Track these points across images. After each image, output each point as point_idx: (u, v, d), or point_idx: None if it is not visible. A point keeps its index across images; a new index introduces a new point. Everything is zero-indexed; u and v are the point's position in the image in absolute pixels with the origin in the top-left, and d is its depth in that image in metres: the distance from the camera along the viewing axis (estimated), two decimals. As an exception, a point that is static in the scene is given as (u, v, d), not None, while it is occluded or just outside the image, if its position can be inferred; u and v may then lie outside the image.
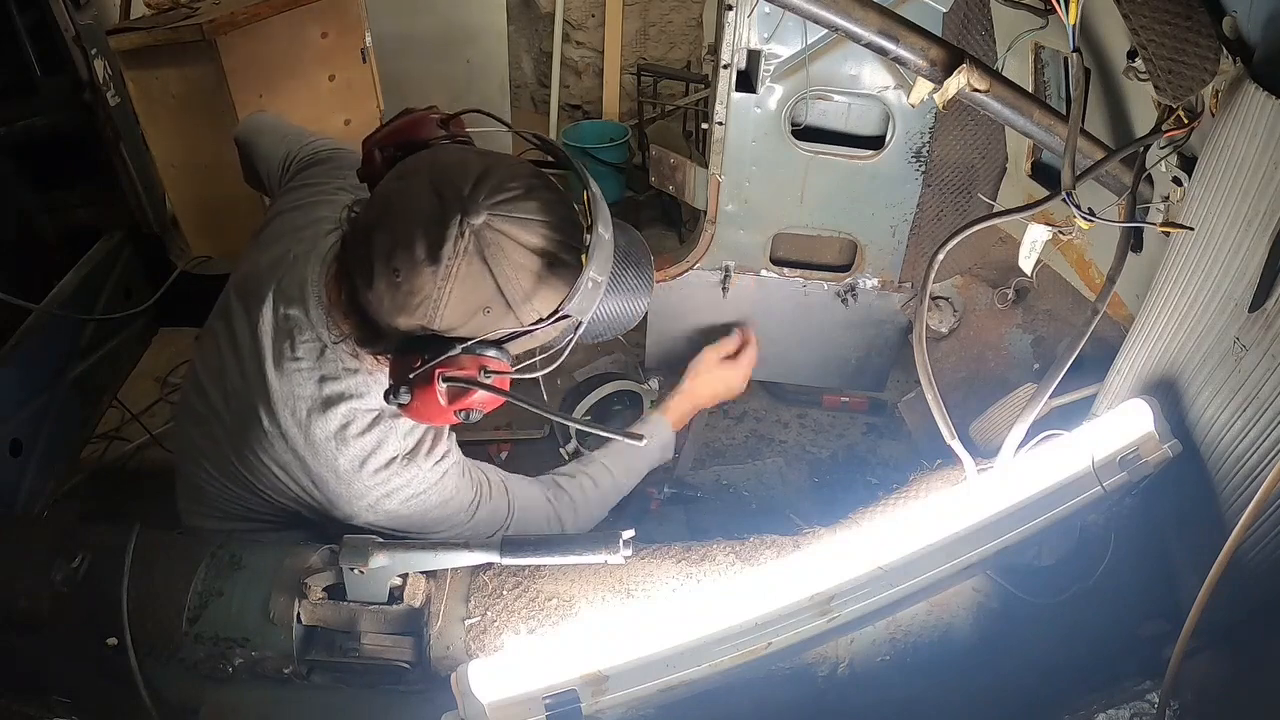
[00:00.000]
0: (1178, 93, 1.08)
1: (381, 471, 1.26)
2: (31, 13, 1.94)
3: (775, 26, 1.70)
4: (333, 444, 1.23)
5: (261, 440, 1.25)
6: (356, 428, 1.24)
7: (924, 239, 1.98)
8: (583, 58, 4.93)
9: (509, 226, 1.08)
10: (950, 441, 1.20)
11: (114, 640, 1.11)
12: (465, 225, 1.06)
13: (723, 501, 2.62)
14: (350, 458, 1.24)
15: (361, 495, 1.26)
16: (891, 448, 2.79)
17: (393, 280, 1.08)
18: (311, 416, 1.23)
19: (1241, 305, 1.03)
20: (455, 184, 1.09)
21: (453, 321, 1.10)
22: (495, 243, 1.08)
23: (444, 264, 1.06)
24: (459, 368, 1.09)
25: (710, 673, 1.04)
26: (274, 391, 1.23)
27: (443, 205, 1.07)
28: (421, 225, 1.07)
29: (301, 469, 1.25)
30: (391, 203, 1.12)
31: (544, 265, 1.11)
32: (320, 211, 1.37)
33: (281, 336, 1.25)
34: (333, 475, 1.24)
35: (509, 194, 1.10)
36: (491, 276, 1.08)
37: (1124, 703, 1.07)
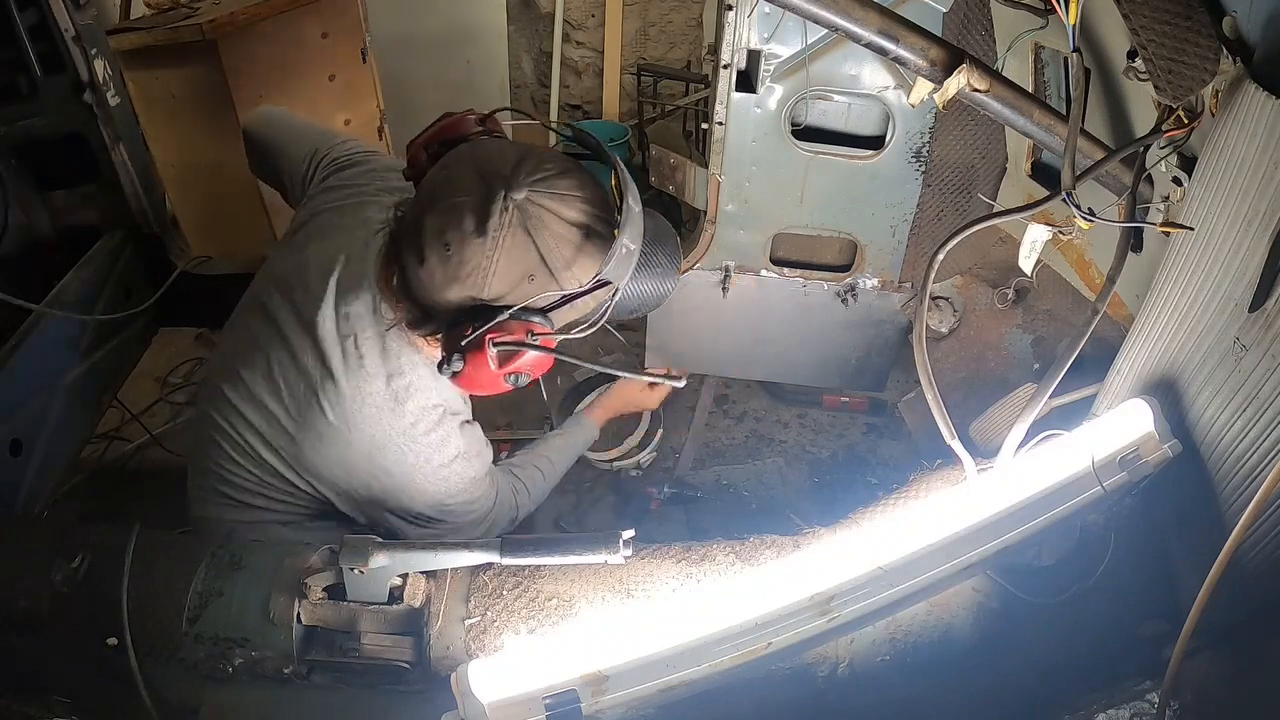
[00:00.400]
0: (1178, 93, 1.08)
1: (445, 468, 1.35)
2: (31, 13, 1.94)
3: (775, 26, 1.70)
4: (403, 440, 1.31)
5: (324, 436, 1.31)
6: (423, 426, 1.32)
7: (924, 239, 1.98)
8: (583, 58, 4.93)
9: (548, 201, 1.17)
10: (950, 441, 1.20)
11: (114, 640, 1.11)
12: (509, 200, 1.15)
13: (723, 501, 2.62)
14: (418, 453, 1.32)
15: (423, 489, 1.35)
16: (891, 448, 2.79)
17: (444, 255, 1.16)
18: (381, 415, 1.30)
19: (1241, 305, 1.03)
20: (497, 167, 1.18)
21: (500, 290, 1.17)
22: (536, 216, 1.16)
23: (491, 235, 1.14)
24: (507, 333, 1.16)
25: (710, 673, 1.04)
26: (343, 391, 1.30)
27: (487, 185, 1.16)
28: (469, 203, 1.16)
29: (365, 463, 1.32)
30: (439, 188, 1.21)
31: (581, 236, 1.19)
32: (367, 212, 1.42)
33: (345, 336, 1.31)
34: (400, 468, 1.32)
35: (546, 173, 1.19)
36: (534, 246, 1.16)
37: (1124, 703, 1.07)
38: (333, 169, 1.58)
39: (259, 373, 1.36)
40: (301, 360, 1.32)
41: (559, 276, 1.18)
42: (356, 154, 1.61)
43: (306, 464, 1.35)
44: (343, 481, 1.36)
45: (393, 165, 1.56)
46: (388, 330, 1.30)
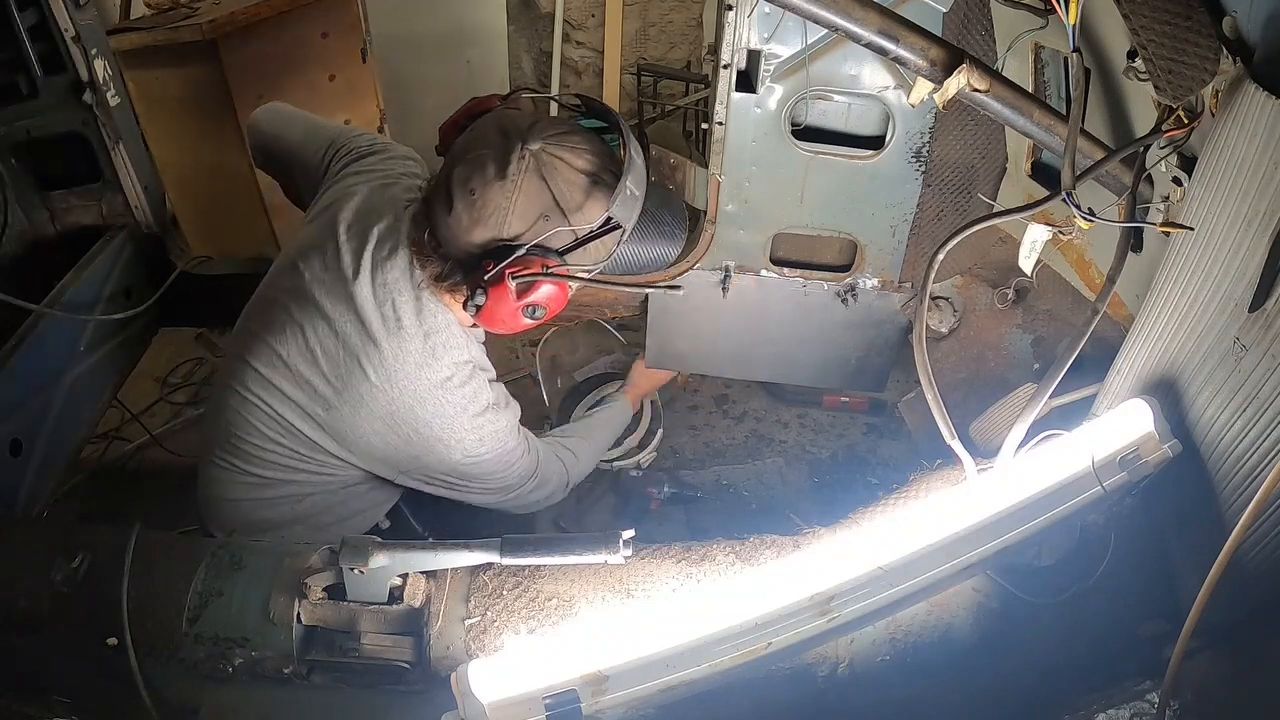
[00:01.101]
0: (1178, 93, 1.08)
1: (478, 417, 1.46)
2: (31, 13, 1.94)
3: (775, 26, 1.69)
4: (440, 391, 1.42)
5: (365, 395, 1.41)
6: (459, 379, 1.44)
7: (924, 239, 1.97)
8: (583, 58, 4.93)
9: (560, 151, 1.33)
10: (950, 441, 1.20)
11: (114, 640, 1.11)
12: (525, 150, 1.31)
13: (723, 501, 2.62)
14: (455, 403, 1.43)
15: (461, 439, 1.45)
16: (891, 448, 2.79)
17: (469, 200, 1.32)
18: (420, 370, 1.42)
19: (1241, 305, 1.03)
20: (515, 123, 1.36)
21: (518, 229, 1.32)
22: (549, 163, 1.32)
23: (510, 179, 1.30)
24: (525, 267, 1.31)
25: (710, 673, 1.04)
26: (384, 351, 1.41)
27: (506, 138, 1.33)
28: (490, 154, 1.32)
29: (408, 417, 1.42)
30: (465, 145, 1.37)
31: (589, 181, 1.34)
32: (393, 192, 1.55)
33: (383, 301, 1.42)
34: (439, 419, 1.43)
35: (557, 130, 1.36)
36: (548, 189, 1.31)
37: (1124, 703, 1.07)
38: (353, 157, 1.67)
39: (293, 346, 1.44)
40: (340, 328, 1.42)
41: (570, 216, 1.33)
42: (375, 143, 1.72)
43: (345, 429, 1.44)
44: (381, 442, 1.45)
45: (409, 154, 1.71)
46: (421, 290, 1.42)
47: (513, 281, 1.30)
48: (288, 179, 1.85)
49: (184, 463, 2.61)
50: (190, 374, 3.11)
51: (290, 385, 1.44)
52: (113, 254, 2.16)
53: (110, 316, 2.09)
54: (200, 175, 3.03)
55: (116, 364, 2.17)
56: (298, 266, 1.49)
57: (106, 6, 2.87)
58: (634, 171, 1.34)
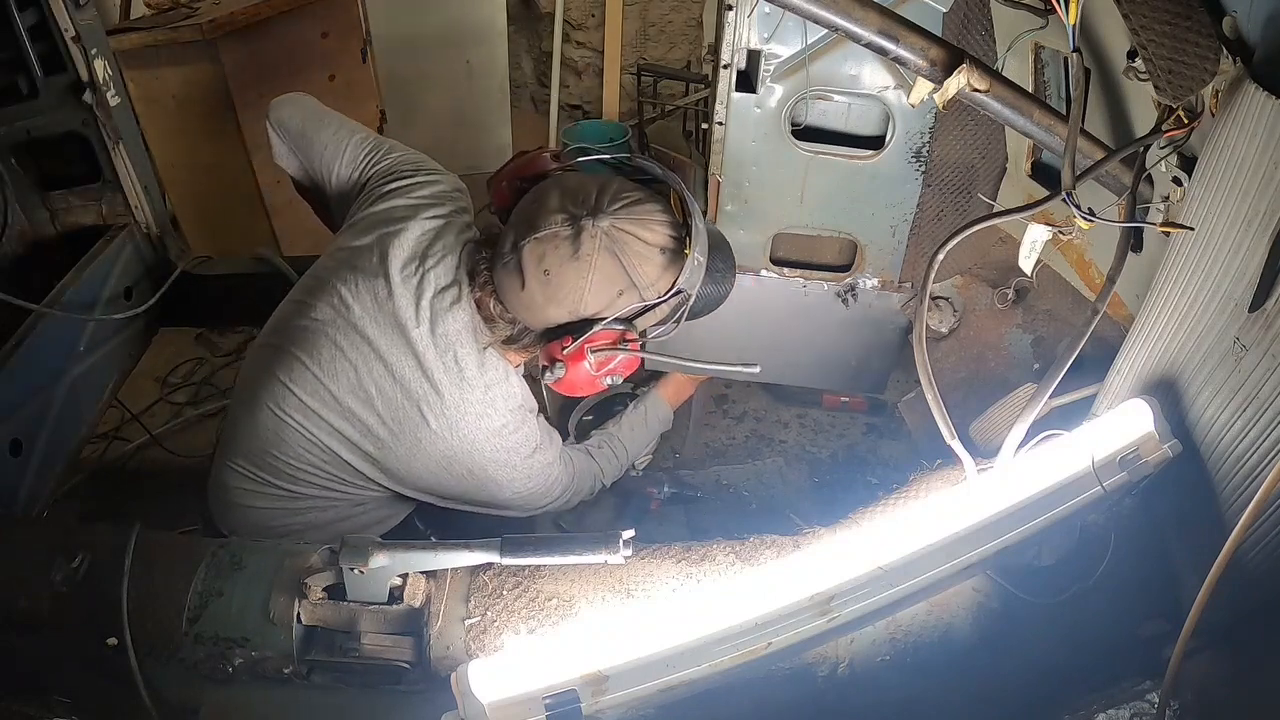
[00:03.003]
0: (1178, 93, 1.08)
1: (529, 459, 1.52)
2: (31, 13, 1.94)
3: (775, 26, 1.69)
4: (497, 439, 1.47)
5: (423, 441, 1.45)
6: (514, 424, 1.49)
7: (924, 239, 1.97)
8: (583, 58, 4.93)
9: (630, 226, 1.36)
10: (950, 441, 1.20)
11: (114, 640, 1.11)
12: (597, 228, 1.34)
13: (723, 501, 2.62)
14: (510, 449, 1.49)
15: (512, 479, 1.52)
16: (891, 448, 2.79)
17: (543, 279, 1.34)
18: (480, 420, 1.45)
19: (1241, 305, 1.03)
20: (582, 197, 1.38)
21: (596, 306, 1.37)
22: (622, 240, 1.35)
23: (584, 259, 1.33)
24: (599, 337, 1.36)
25: (710, 673, 1.04)
26: (446, 400, 1.44)
27: (576, 215, 1.35)
28: (563, 233, 1.34)
29: (466, 461, 1.47)
30: (533, 219, 1.37)
31: (660, 253, 1.38)
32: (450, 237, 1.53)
33: (444, 352, 1.45)
34: (493, 465, 1.49)
35: (624, 201, 1.38)
36: (623, 267, 1.35)
37: (1124, 703, 1.07)
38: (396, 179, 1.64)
39: (344, 382, 1.46)
40: (400, 374, 1.44)
41: (643, 291, 1.37)
42: (422, 165, 1.69)
43: (397, 466, 1.48)
44: (433, 479, 1.50)
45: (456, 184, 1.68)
46: (485, 346, 1.46)
47: (592, 355, 1.35)
48: (311, 181, 1.79)
49: (184, 463, 2.61)
50: (190, 374, 3.11)
51: (339, 419, 1.46)
52: (113, 254, 2.16)
53: (110, 316, 2.09)
54: (200, 175, 3.03)
55: (116, 364, 2.17)
56: (343, 297, 1.48)
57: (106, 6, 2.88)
58: (699, 240, 1.38)
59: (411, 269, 1.48)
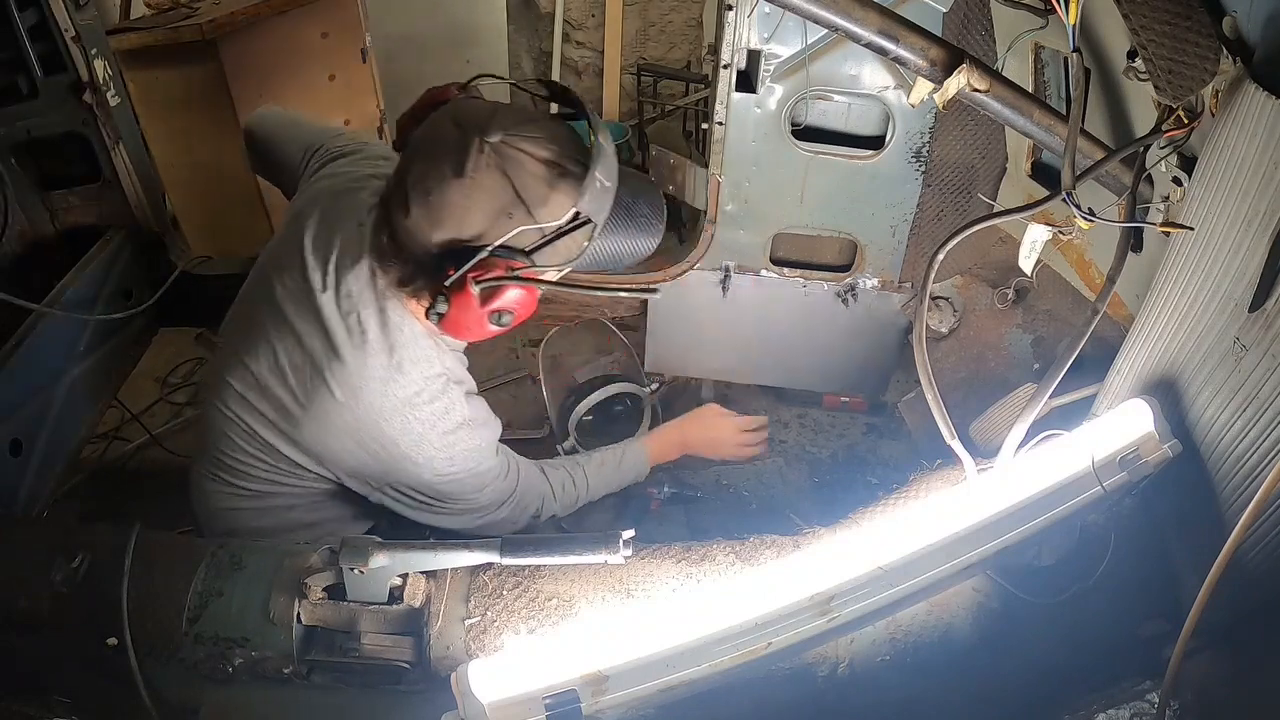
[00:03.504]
0: (1178, 93, 1.08)
1: (449, 435, 1.38)
2: (31, 13, 1.94)
3: (775, 26, 1.70)
4: (407, 409, 1.35)
5: (330, 411, 1.35)
6: (429, 394, 1.36)
7: (924, 239, 1.98)
8: (583, 58, 4.93)
9: (521, 142, 1.23)
10: (950, 441, 1.20)
11: (114, 640, 1.11)
12: (484, 143, 1.21)
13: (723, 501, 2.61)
14: (423, 421, 1.36)
15: (431, 457, 1.38)
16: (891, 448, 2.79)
17: (425, 201, 1.22)
18: (386, 386, 1.34)
19: (1241, 305, 1.03)
20: (473, 114, 1.25)
21: (479, 228, 1.22)
22: (510, 156, 1.22)
23: (468, 176, 1.20)
24: (488, 270, 1.22)
25: (710, 673, 1.04)
26: (348, 366, 1.34)
27: (463, 132, 1.22)
28: (447, 149, 1.22)
29: (374, 434, 1.35)
30: (420, 142, 1.28)
31: (555, 174, 1.24)
32: (360, 198, 1.46)
33: (347, 313, 1.35)
34: (405, 437, 1.36)
35: (519, 119, 1.25)
36: (510, 184, 1.21)
37: (1124, 703, 1.07)
38: (326, 160, 1.62)
39: (264, 362, 1.39)
40: (307, 343, 1.36)
41: (535, 213, 1.22)
42: (349, 145, 1.65)
43: (313, 445, 1.39)
44: (351, 458, 1.39)
45: (385, 153, 1.62)
46: (385, 300, 1.35)
47: (476, 287, 1.21)
48: (281, 184, 1.81)
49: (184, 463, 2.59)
50: (190, 374, 3.11)
51: (263, 402, 1.40)
52: (113, 254, 2.16)
53: (110, 316, 2.09)
54: (200, 175, 3.03)
55: (116, 364, 2.17)
56: (270, 279, 1.44)
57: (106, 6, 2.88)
58: (603, 161, 1.24)
59: (323, 237, 1.42)
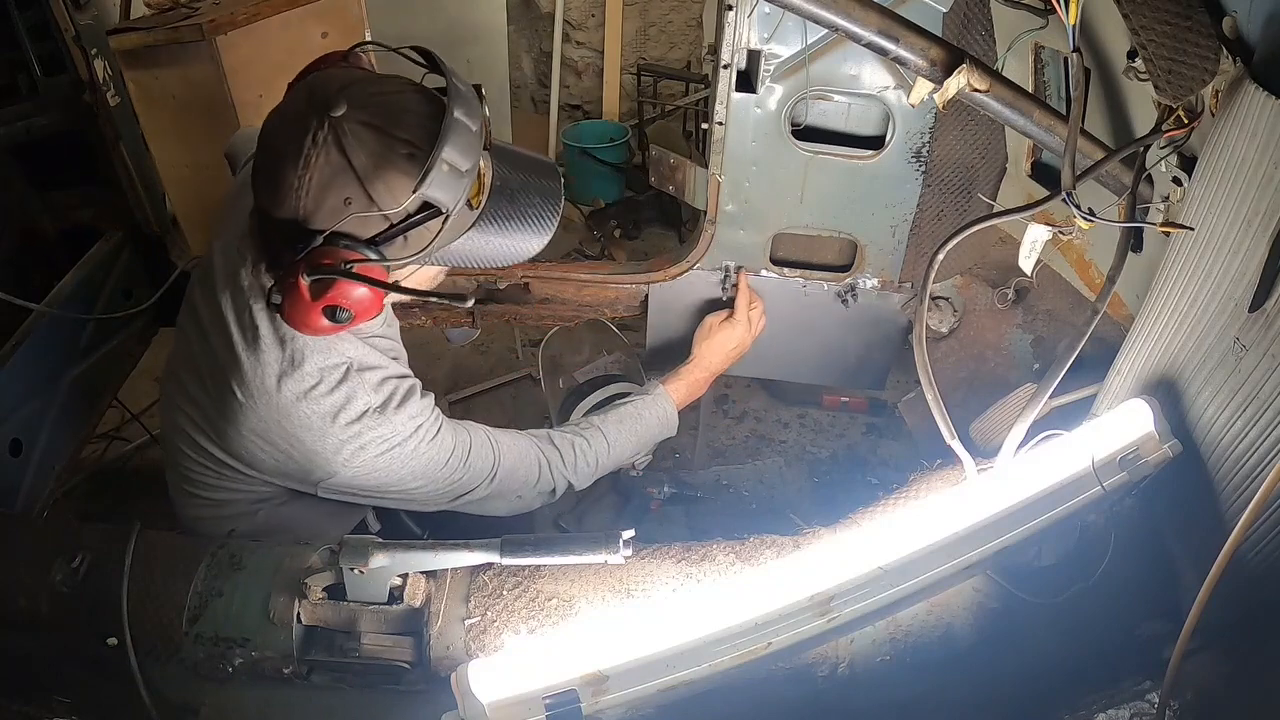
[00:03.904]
0: (1178, 93, 1.08)
1: (354, 424, 1.28)
2: (31, 13, 1.94)
3: (775, 26, 1.70)
4: (304, 403, 1.26)
5: (237, 413, 1.27)
6: (326, 385, 1.27)
7: (924, 239, 1.97)
8: (583, 58, 4.93)
9: (370, 117, 1.10)
10: (950, 441, 1.20)
11: (114, 640, 1.11)
12: (325, 118, 1.09)
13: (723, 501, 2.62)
14: (322, 414, 1.26)
15: (337, 450, 1.28)
16: (891, 448, 2.80)
17: (268, 180, 1.12)
18: (283, 381, 1.26)
19: (1241, 305, 1.03)
20: (325, 88, 1.12)
21: (316, 212, 1.11)
22: (354, 134, 1.09)
23: (305, 154, 1.09)
24: (324, 260, 1.09)
25: (710, 673, 1.04)
26: (244, 364, 1.26)
27: (311, 106, 1.11)
28: (290, 125, 1.11)
29: (279, 433, 1.28)
30: (272, 116, 1.17)
31: (399, 154, 1.10)
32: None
33: (241, 310, 1.28)
34: (308, 433, 1.27)
35: (373, 93, 1.13)
36: (350, 167, 1.09)
37: (1124, 703, 1.07)
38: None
39: (189, 368, 1.36)
40: (214, 344, 1.31)
41: (378, 200, 1.10)
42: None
43: (235, 450, 1.32)
44: (270, 460, 1.31)
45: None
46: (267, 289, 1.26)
47: (306, 279, 1.09)
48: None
49: (184, 463, 2.62)
50: (190, 374, 3.11)
51: (193, 409, 1.36)
52: (113, 254, 2.16)
53: (110, 316, 2.09)
54: (200, 175, 3.03)
55: (116, 364, 2.18)
56: (194, 285, 1.41)
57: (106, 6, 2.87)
58: (454, 139, 1.08)
59: (226, 236, 1.36)
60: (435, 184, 1.08)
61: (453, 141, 1.08)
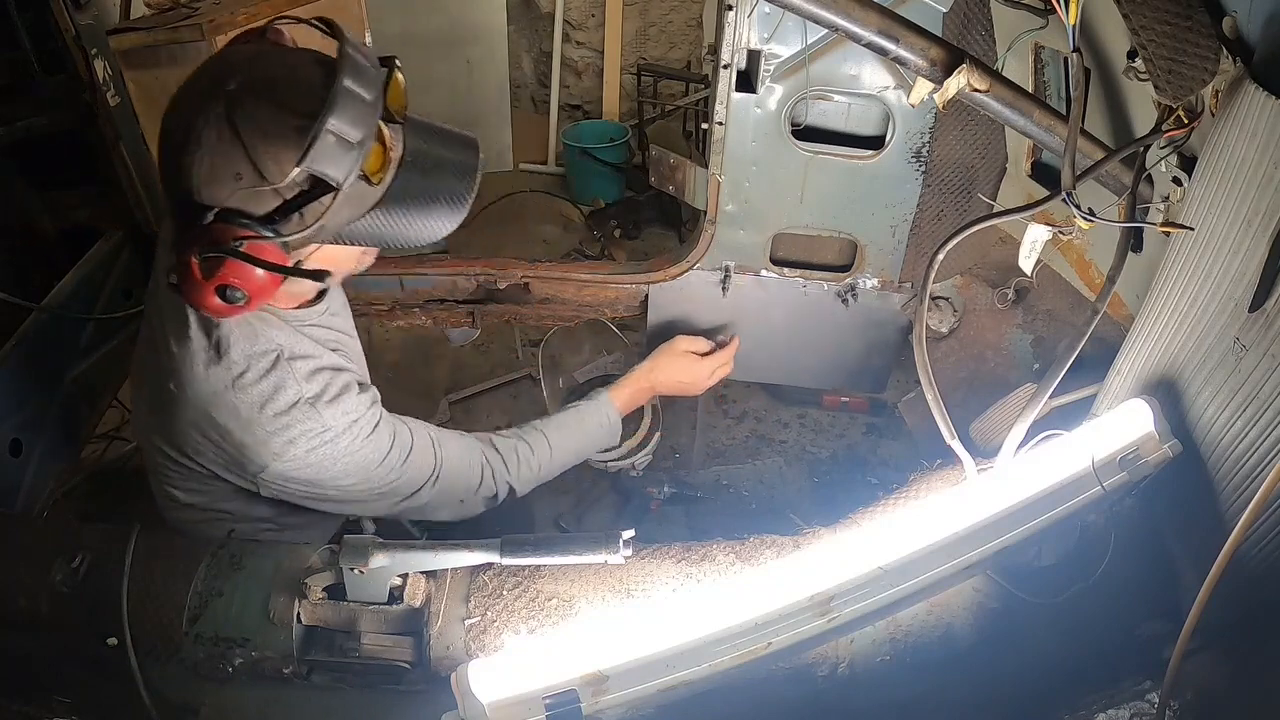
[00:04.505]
0: (1178, 93, 1.08)
1: (283, 416, 1.25)
2: (31, 13, 1.94)
3: (775, 26, 1.70)
4: (231, 392, 1.23)
5: (173, 406, 1.25)
6: (254, 374, 1.24)
7: (924, 239, 1.98)
8: (583, 58, 4.94)
9: (262, 92, 1.07)
10: (950, 441, 1.20)
11: (114, 640, 1.11)
12: (220, 92, 1.06)
13: (723, 501, 2.62)
14: (249, 404, 1.23)
15: (265, 441, 1.24)
16: (891, 448, 2.79)
17: (167, 155, 1.09)
18: (210, 369, 1.23)
19: (1241, 305, 1.03)
20: (224, 64, 1.11)
21: (208, 189, 1.07)
22: (245, 108, 1.05)
23: (198, 130, 1.06)
24: (213, 238, 1.06)
25: (710, 673, 1.04)
26: (175, 353, 1.24)
27: (208, 81, 1.09)
28: (189, 99, 1.09)
29: (209, 423, 1.25)
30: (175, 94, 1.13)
31: (293, 129, 1.06)
32: None
33: (171, 308, 1.26)
34: (236, 423, 1.24)
35: (271, 66, 1.10)
36: (239, 141, 1.05)
37: (1124, 703, 1.07)
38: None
39: (140, 366, 1.37)
40: (155, 338, 1.29)
41: (269, 176, 1.06)
42: None
43: (176, 442, 1.30)
44: (207, 453, 1.28)
45: None
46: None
47: (198, 258, 1.06)
48: None
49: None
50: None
51: (145, 406, 1.35)
52: (113, 254, 2.16)
53: (110, 316, 2.09)
54: (200, 175, 3.03)
55: (116, 364, 2.18)
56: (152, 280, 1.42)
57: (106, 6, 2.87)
58: (343, 109, 1.02)
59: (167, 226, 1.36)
60: (321, 155, 1.03)
61: (340, 111, 1.02)
